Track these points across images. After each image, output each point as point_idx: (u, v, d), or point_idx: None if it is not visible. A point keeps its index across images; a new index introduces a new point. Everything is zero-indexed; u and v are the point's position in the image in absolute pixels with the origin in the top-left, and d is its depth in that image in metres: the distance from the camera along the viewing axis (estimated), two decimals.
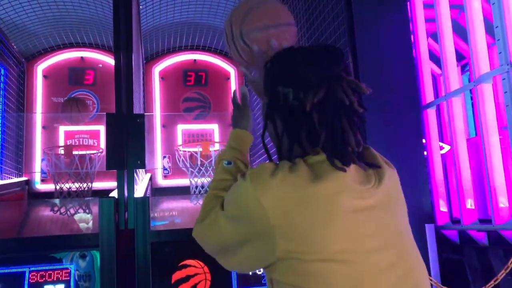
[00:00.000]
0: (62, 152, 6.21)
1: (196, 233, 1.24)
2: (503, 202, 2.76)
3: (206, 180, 5.37)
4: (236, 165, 1.34)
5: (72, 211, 5.30)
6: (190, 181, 5.43)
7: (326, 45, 1.15)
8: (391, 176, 1.14)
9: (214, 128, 7.42)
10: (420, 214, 3.08)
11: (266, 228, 0.99)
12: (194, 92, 7.40)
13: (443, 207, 3.38)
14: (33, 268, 2.20)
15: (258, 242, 1.03)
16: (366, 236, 1.00)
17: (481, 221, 3.07)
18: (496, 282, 2.15)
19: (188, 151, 5.47)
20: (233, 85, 7.70)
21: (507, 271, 2.16)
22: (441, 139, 4.18)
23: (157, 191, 6.83)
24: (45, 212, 5.76)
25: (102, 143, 6.78)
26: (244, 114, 1.48)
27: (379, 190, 1.07)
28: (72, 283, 2.24)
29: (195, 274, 2.32)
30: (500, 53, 2.47)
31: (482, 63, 2.81)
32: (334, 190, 0.99)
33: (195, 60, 7.65)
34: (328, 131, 1.05)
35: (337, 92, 1.05)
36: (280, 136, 1.13)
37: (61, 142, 6.78)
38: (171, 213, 5.88)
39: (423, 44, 3.48)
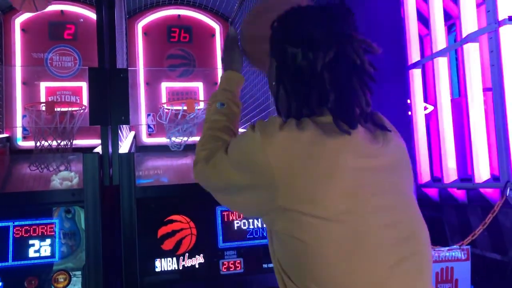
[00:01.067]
0: (44, 108, 6.09)
1: (198, 171, 1.25)
2: (483, 161, 2.82)
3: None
4: (229, 106, 1.36)
5: (54, 167, 5.26)
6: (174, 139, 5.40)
7: (335, 3, 1.11)
8: (398, 143, 1.14)
9: (199, 86, 7.31)
10: None
11: (269, 180, 1.00)
12: (178, 49, 7.26)
13: (424, 166, 3.44)
14: (17, 223, 2.19)
15: (259, 191, 1.04)
16: (371, 194, 1.00)
17: (461, 180, 3.15)
18: (474, 238, 2.22)
19: (173, 109, 5.41)
20: (219, 42, 7.55)
21: (484, 227, 2.22)
22: (425, 100, 4.20)
23: (141, 149, 6.79)
24: (28, 168, 5.71)
25: (85, 100, 6.66)
26: (234, 56, 1.47)
27: (385, 152, 1.07)
28: (57, 238, 2.24)
29: (181, 229, 2.34)
30: (489, 11, 2.45)
31: (470, 22, 2.79)
32: (338, 148, 1.00)
33: (179, 15, 7.44)
34: (337, 91, 1.03)
35: (348, 51, 1.04)
36: (289, 98, 1.11)
37: (43, 98, 6.63)
38: (156, 171, 5.88)
39: (411, 2, 3.44)
